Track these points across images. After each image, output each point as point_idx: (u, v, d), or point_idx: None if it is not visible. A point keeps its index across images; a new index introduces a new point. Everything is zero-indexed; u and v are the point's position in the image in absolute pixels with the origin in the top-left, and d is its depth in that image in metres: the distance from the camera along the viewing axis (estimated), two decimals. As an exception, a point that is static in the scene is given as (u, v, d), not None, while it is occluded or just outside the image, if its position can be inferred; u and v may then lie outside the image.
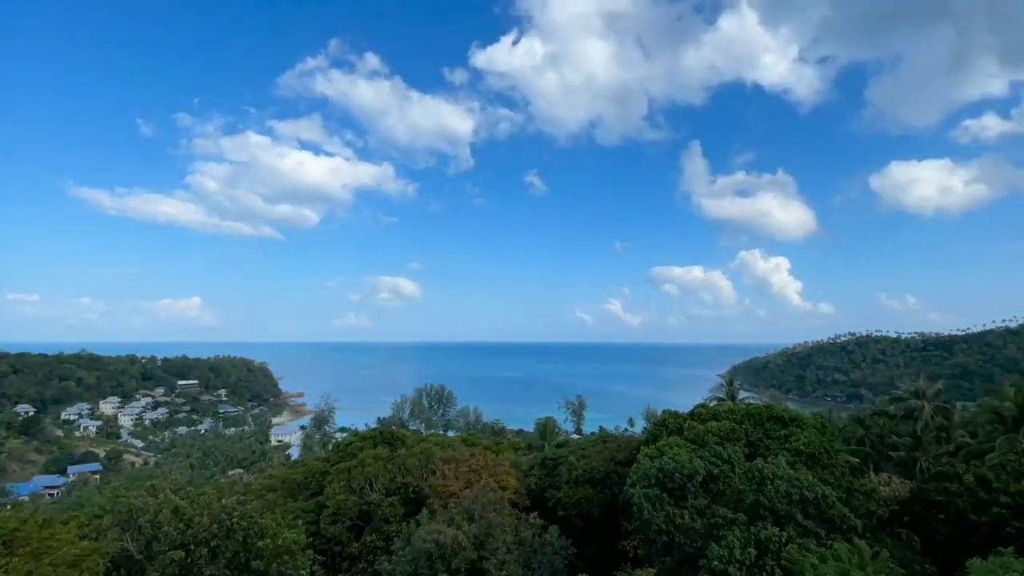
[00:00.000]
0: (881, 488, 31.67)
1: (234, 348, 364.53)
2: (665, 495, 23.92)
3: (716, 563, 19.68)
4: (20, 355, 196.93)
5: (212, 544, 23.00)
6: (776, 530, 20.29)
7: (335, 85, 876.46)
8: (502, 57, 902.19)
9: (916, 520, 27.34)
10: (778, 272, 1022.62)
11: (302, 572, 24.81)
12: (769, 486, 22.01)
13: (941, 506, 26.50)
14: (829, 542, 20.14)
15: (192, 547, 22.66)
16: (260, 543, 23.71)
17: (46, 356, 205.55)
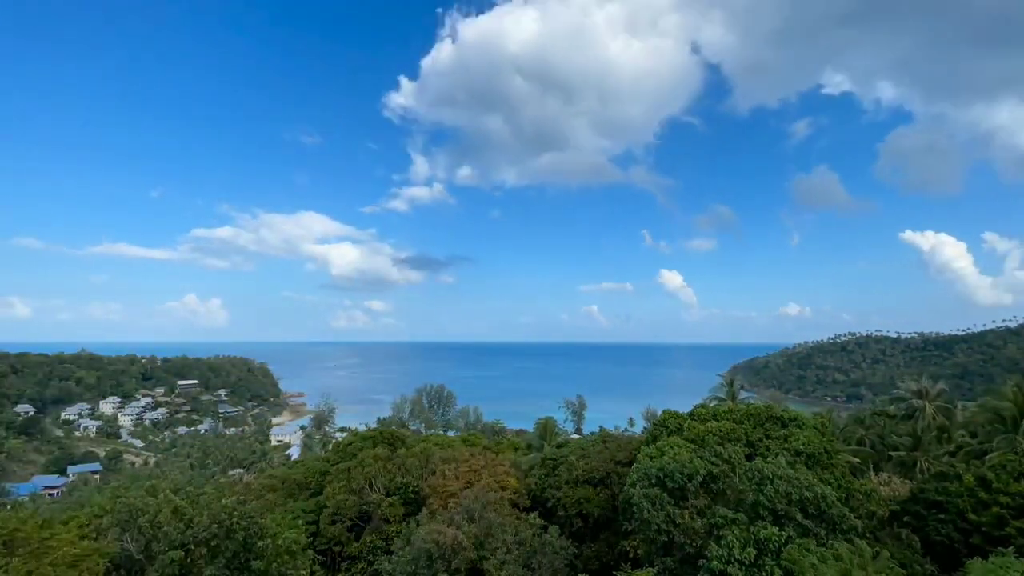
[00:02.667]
0: (881, 488, 31.66)
1: (234, 348, 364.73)
2: (665, 495, 23.90)
3: (716, 563, 19.66)
4: (20, 355, 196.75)
5: (212, 544, 22.99)
6: (776, 530, 20.27)
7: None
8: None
9: (916, 520, 27.31)
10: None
11: (302, 572, 24.80)
12: (769, 486, 21.99)
13: (941, 506, 26.48)
14: (829, 542, 20.13)
15: (192, 547, 22.65)
16: (260, 543, 23.69)
17: (46, 356, 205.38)
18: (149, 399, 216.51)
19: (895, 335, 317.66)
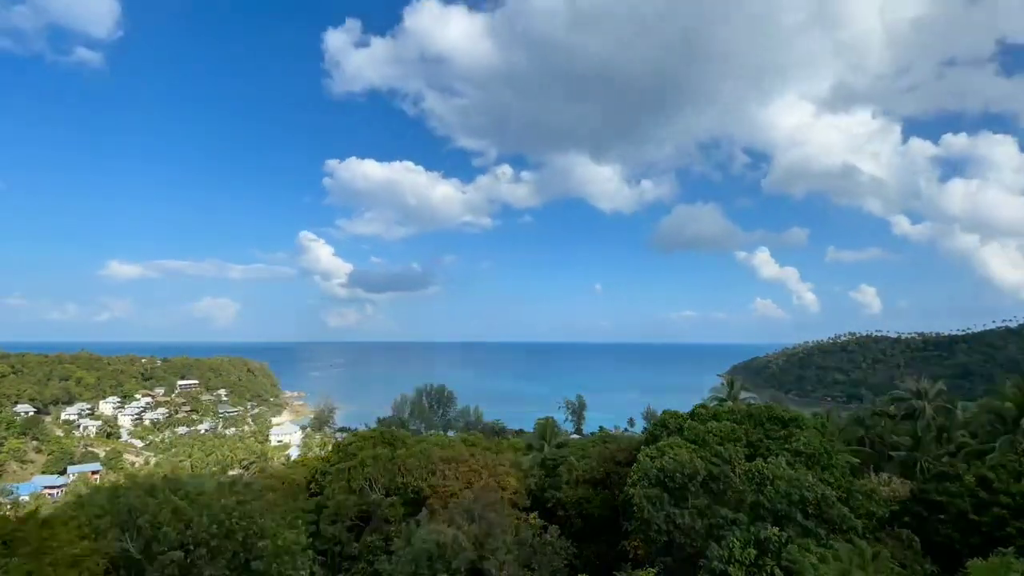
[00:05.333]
0: (881, 488, 31.61)
1: (235, 348, 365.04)
2: (665, 495, 23.90)
3: (716, 563, 19.67)
4: (20, 355, 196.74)
5: (212, 544, 22.96)
6: (776, 530, 20.28)
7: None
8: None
9: (916, 520, 27.29)
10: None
11: (302, 572, 24.79)
12: (769, 486, 22.01)
13: (941, 506, 26.47)
14: (829, 542, 20.13)
15: (192, 547, 22.62)
16: (260, 543, 23.68)
17: (46, 356, 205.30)
18: (149, 399, 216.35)
19: (895, 335, 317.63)
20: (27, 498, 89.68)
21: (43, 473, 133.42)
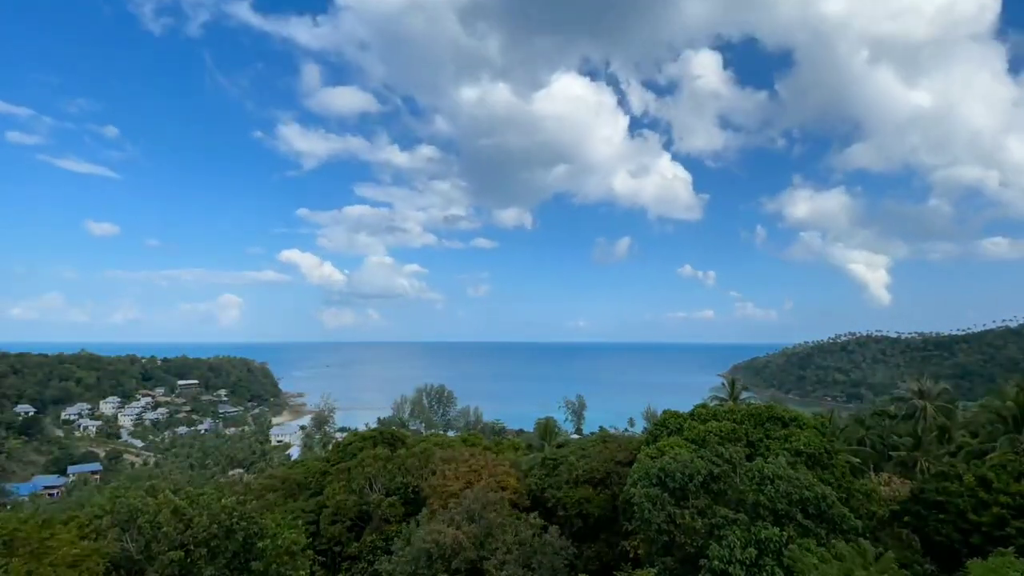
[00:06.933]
0: (881, 488, 31.67)
1: (235, 349, 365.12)
2: (666, 495, 23.88)
3: (716, 563, 19.68)
4: (20, 355, 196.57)
5: (212, 544, 23.00)
6: (776, 530, 20.29)
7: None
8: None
9: (916, 520, 27.29)
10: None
11: (302, 572, 24.82)
12: (769, 486, 22.00)
13: (941, 506, 26.45)
14: (830, 542, 20.13)
15: (192, 547, 22.65)
16: (260, 543, 23.72)
17: (46, 356, 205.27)
18: (149, 399, 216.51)
19: (895, 335, 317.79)
20: (27, 498, 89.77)
21: (43, 473, 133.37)
